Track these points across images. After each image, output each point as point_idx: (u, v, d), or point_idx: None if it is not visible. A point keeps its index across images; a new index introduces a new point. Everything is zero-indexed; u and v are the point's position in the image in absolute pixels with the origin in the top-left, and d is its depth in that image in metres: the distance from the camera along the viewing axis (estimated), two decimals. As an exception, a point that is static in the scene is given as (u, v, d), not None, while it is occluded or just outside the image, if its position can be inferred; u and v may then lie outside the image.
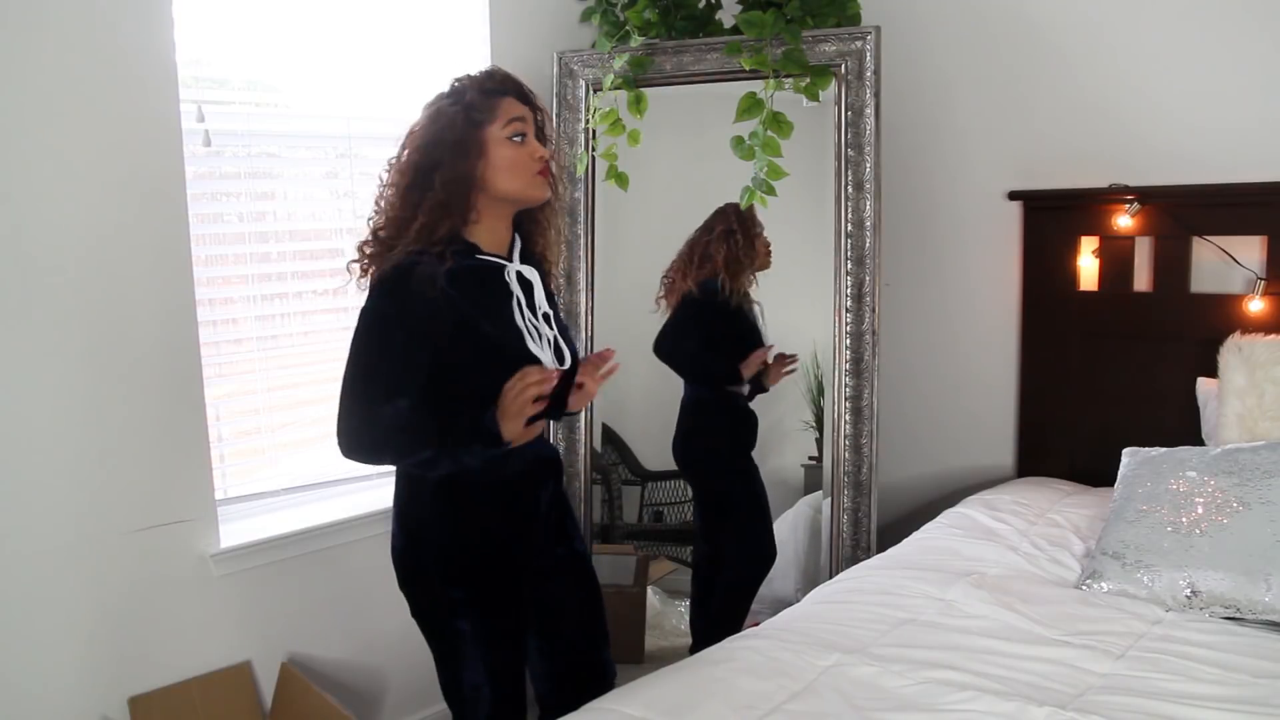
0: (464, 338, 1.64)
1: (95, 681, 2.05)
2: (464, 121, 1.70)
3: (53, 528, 1.97)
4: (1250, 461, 1.99)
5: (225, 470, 2.29)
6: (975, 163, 2.80)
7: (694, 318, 2.62)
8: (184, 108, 2.08)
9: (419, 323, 1.61)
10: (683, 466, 2.74)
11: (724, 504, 2.72)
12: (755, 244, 2.59)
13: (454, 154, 1.68)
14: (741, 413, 2.67)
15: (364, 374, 1.64)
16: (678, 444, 2.71)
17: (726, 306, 2.57)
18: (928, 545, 2.23)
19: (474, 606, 1.72)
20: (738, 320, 2.62)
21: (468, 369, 1.65)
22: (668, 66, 2.58)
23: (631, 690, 1.60)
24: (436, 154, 1.68)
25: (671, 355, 2.63)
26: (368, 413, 1.63)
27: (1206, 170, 2.45)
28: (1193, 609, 1.86)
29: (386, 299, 1.62)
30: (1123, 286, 2.58)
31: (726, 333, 2.64)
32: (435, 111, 1.73)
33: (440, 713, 2.62)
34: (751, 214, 2.55)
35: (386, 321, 1.62)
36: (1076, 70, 2.62)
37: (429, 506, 1.72)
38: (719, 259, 2.58)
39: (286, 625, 2.33)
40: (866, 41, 2.41)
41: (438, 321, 1.61)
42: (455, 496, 1.70)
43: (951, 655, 1.68)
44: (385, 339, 1.62)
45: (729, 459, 2.71)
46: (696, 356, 2.65)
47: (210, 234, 2.27)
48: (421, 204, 1.67)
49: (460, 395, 1.65)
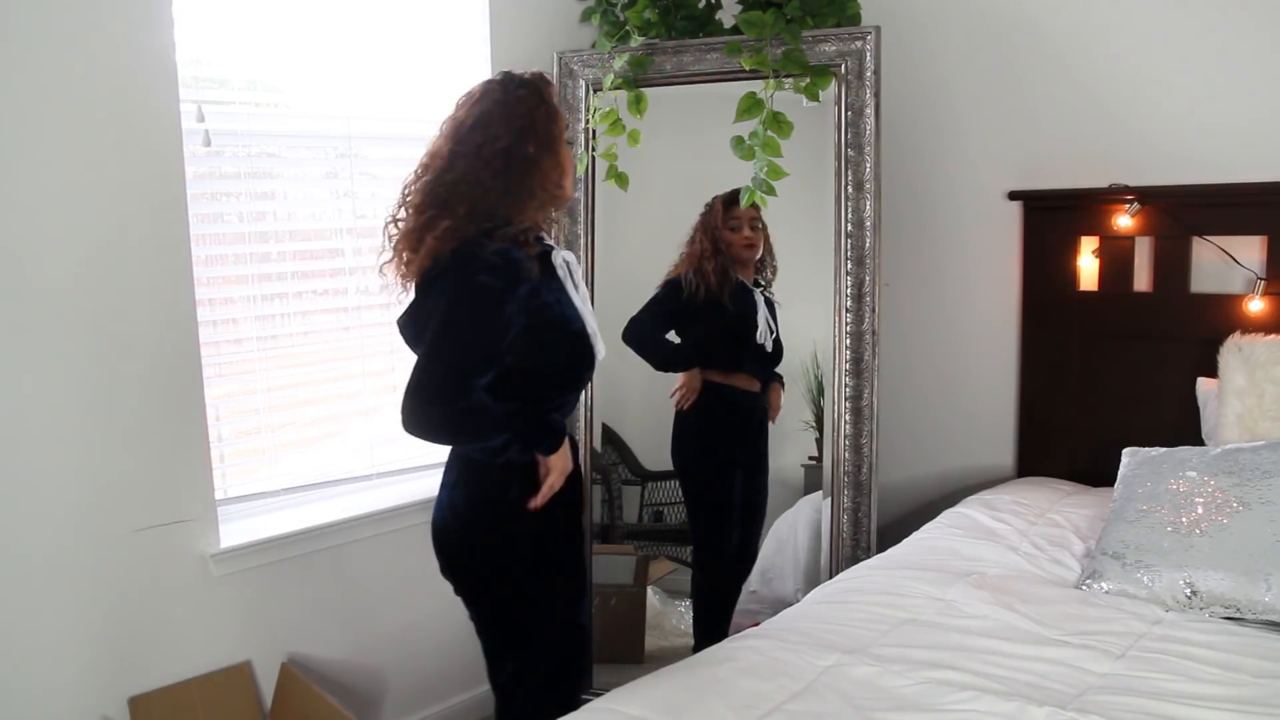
0: (547, 318, 1.72)
1: (95, 681, 2.05)
2: (545, 117, 1.76)
3: (53, 528, 1.97)
4: (1250, 461, 1.99)
5: (225, 470, 2.29)
6: (975, 163, 2.80)
7: (657, 305, 2.65)
8: (184, 108, 2.08)
9: (518, 302, 1.67)
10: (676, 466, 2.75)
11: (718, 502, 2.73)
12: (718, 238, 2.59)
13: (540, 147, 1.74)
14: (727, 406, 2.68)
15: (457, 344, 1.65)
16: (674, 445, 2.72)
17: (694, 300, 2.58)
18: (928, 545, 2.23)
19: (545, 579, 1.83)
20: (714, 313, 2.61)
21: (545, 348, 1.74)
22: (668, 66, 2.58)
23: (631, 690, 1.60)
24: (524, 144, 1.73)
25: (628, 338, 2.65)
26: (448, 387, 1.64)
27: (1206, 170, 2.45)
28: (1193, 609, 1.86)
29: (493, 275, 1.65)
30: (1123, 286, 2.58)
31: (702, 324, 2.64)
32: (507, 99, 1.75)
33: (440, 713, 2.63)
34: (717, 209, 2.57)
35: (491, 295, 1.65)
36: (1077, 70, 2.62)
37: (498, 488, 1.78)
38: (684, 254, 2.62)
39: (286, 625, 2.33)
40: (866, 41, 2.41)
41: (533, 301, 1.69)
42: (526, 482, 1.77)
43: (951, 655, 1.68)
44: (486, 314, 1.66)
45: (713, 455, 2.72)
46: (642, 340, 2.66)
47: (210, 234, 2.27)
48: (509, 190, 1.71)
49: (535, 377, 1.74)
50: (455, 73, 2.58)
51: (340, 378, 2.50)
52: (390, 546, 2.50)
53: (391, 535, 2.50)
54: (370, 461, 2.54)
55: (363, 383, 2.51)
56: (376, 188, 2.56)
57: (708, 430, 2.68)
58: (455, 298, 1.65)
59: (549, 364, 1.76)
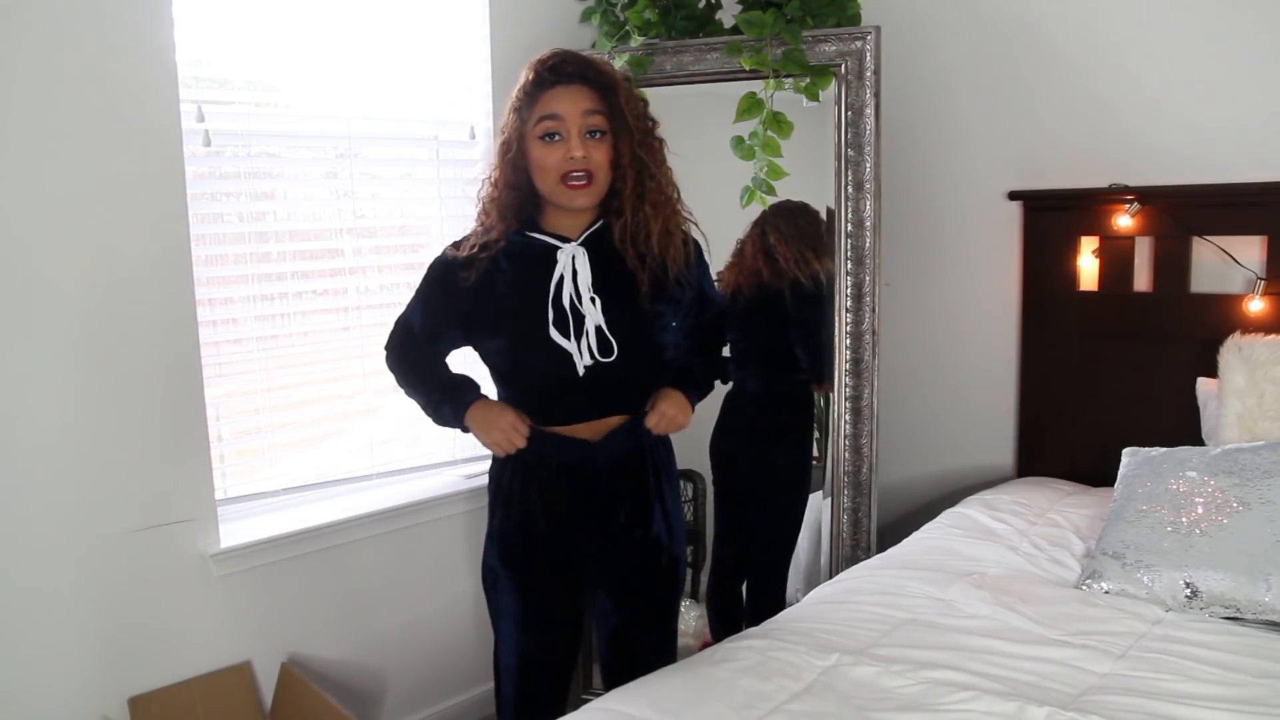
0: (487, 308, 1.78)
1: (95, 681, 2.05)
2: (512, 120, 1.76)
3: (53, 528, 1.97)
4: (1250, 461, 1.99)
5: (225, 470, 2.29)
6: (975, 163, 2.80)
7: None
8: (184, 108, 2.08)
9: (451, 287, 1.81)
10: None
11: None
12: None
13: (500, 154, 1.79)
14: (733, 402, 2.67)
15: (416, 305, 1.90)
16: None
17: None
18: (928, 545, 2.23)
19: (512, 585, 1.86)
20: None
21: (485, 335, 1.81)
22: (668, 66, 2.58)
23: (631, 690, 1.60)
24: (498, 151, 1.80)
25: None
26: (406, 333, 1.90)
27: (1206, 170, 2.45)
28: (1193, 609, 1.86)
29: (435, 266, 1.86)
30: (1123, 286, 2.58)
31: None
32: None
33: (440, 713, 2.63)
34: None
35: (430, 280, 1.87)
36: (1076, 70, 2.62)
37: (495, 479, 1.88)
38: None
39: (286, 625, 2.33)
40: (866, 41, 2.41)
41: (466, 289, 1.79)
42: (515, 475, 1.83)
43: (951, 655, 1.68)
44: (427, 293, 1.88)
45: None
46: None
47: (210, 234, 2.27)
48: (491, 197, 1.81)
49: (487, 361, 1.84)
50: (455, 73, 2.58)
51: (340, 378, 2.50)
52: (390, 546, 2.50)
53: (391, 535, 2.50)
54: (370, 461, 2.54)
55: (363, 383, 2.51)
56: (376, 188, 2.57)
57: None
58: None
59: (493, 351, 1.88)
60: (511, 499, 1.83)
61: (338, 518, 2.38)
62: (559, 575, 1.85)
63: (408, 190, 2.64)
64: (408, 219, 2.62)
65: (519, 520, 1.83)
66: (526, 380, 1.80)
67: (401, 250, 2.61)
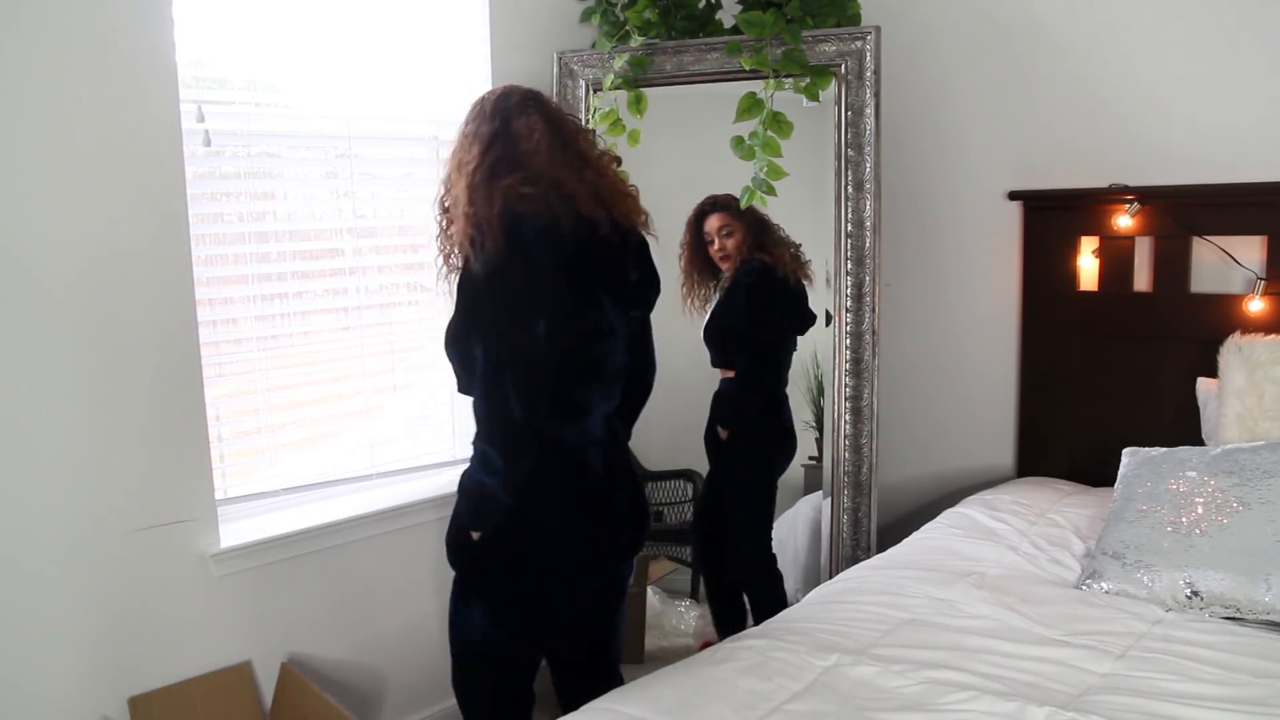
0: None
1: (95, 681, 2.05)
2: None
3: (53, 528, 1.97)
4: (1250, 461, 1.99)
5: (225, 470, 2.29)
6: (975, 163, 2.80)
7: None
8: (184, 108, 2.08)
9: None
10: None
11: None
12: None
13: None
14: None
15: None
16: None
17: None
18: (928, 545, 2.23)
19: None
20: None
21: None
22: (668, 66, 2.58)
23: (631, 690, 1.60)
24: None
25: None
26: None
27: (1207, 170, 2.45)
28: (1193, 609, 1.86)
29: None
30: (1123, 286, 2.58)
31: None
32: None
33: (440, 713, 2.63)
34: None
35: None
36: (1077, 70, 2.62)
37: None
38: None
39: (286, 625, 2.33)
40: (866, 41, 2.41)
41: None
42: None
43: (951, 655, 1.68)
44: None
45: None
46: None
47: (210, 234, 2.27)
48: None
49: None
50: (455, 73, 2.58)
51: (340, 378, 2.50)
52: (390, 546, 2.50)
53: (391, 535, 2.50)
54: (370, 461, 2.54)
55: (363, 383, 2.51)
56: (376, 188, 2.57)
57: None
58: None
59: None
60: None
61: (338, 518, 2.38)
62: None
63: (408, 190, 2.64)
64: (408, 219, 2.62)
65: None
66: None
67: (401, 250, 2.61)
